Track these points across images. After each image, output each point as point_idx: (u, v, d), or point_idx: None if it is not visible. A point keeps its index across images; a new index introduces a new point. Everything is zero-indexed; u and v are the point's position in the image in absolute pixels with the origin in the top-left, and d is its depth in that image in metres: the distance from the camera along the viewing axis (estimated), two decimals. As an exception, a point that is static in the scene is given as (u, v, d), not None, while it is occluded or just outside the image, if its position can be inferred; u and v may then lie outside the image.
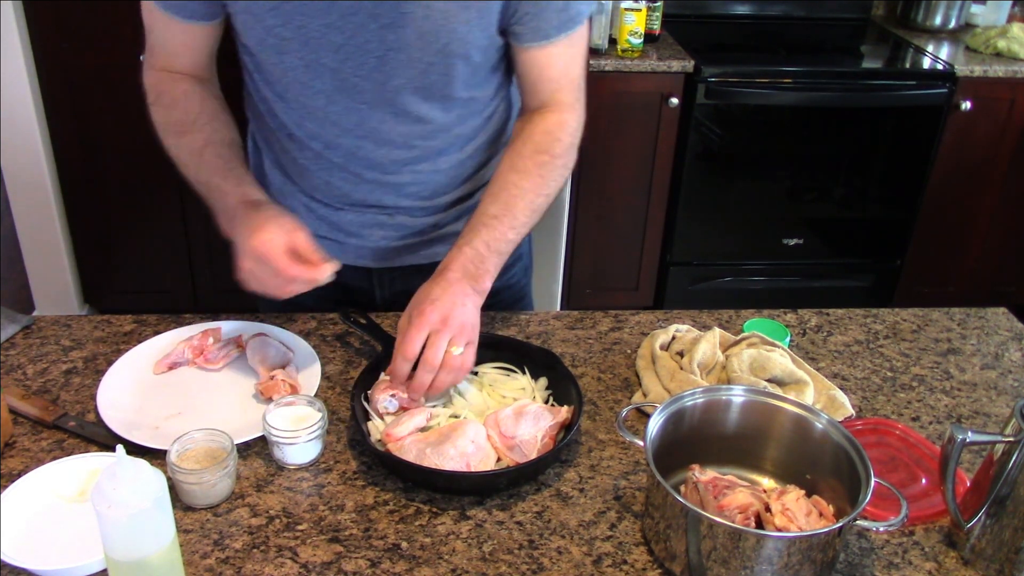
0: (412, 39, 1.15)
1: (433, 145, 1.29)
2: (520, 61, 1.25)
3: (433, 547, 0.99)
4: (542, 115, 1.28)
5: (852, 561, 0.99)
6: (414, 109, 1.23)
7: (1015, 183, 3.11)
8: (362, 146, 1.27)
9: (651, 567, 0.98)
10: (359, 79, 1.18)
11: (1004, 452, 0.94)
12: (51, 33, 2.64)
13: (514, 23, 1.19)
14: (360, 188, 1.32)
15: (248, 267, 1.14)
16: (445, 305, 1.11)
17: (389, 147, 1.27)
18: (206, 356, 1.25)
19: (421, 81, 1.19)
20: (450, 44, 1.16)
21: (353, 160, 1.29)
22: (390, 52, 1.16)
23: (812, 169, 3.04)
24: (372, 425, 1.13)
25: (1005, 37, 3.00)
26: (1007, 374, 1.34)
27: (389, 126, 1.24)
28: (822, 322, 1.45)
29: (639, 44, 2.81)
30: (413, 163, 1.30)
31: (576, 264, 3.10)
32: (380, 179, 1.31)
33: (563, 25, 1.21)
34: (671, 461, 1.02)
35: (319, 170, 1.31)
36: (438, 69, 1.19)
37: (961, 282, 3.30)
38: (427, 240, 1.41)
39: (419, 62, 1.17)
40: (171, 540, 0.87)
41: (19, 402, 1.15)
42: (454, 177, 1.35)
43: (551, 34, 1.21)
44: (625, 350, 1.35)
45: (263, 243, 1.11)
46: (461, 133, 1.31)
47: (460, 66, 1.20)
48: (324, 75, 1.18)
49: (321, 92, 1.20)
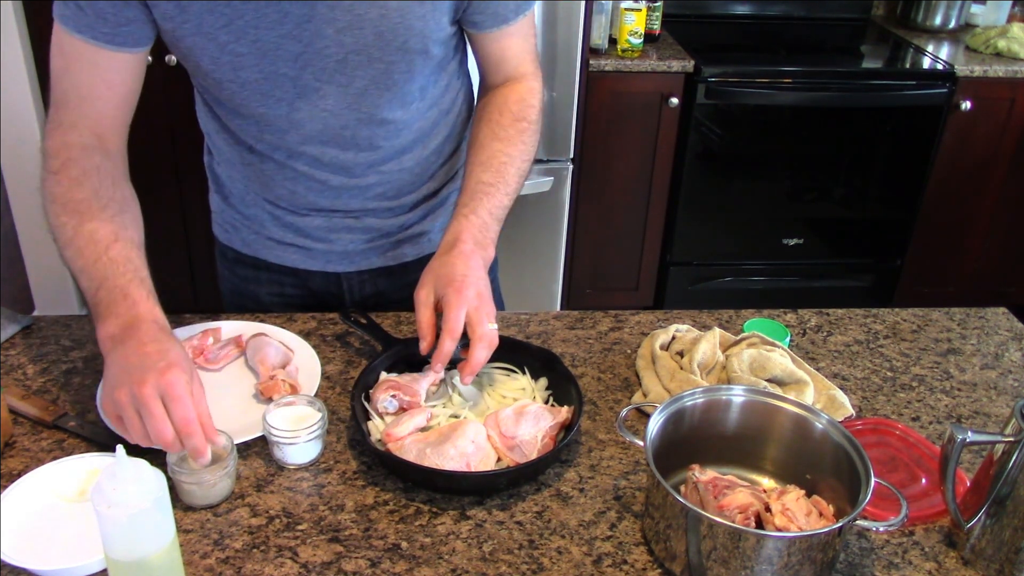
0: (371, 40, 1.14)
1: (397, 144, 1.29)
2: (481, 46, 1.27)
3: (433, 547, 0.99)
4: (510, 86, 1.30)
5: (852, 561, 0.99)
6: (377, 110, 1.23)
7: (1015, 183, 3.11)
8: (326, 152, 1.26)
9: (651, 567, 0.98)
10: (320, 84, 1.17)
11: (1004, 452, 0.94)
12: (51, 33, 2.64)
13: (472, 12, 1.20)
14: (326, 194, 1.32)
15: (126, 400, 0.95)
16: (475, 280, 1.11)
17: (355, 150, 1.27)
18: (206, 356, 1.25)
19: (384, 81, 1.19)
20: (408, 41, 1.16)
21: (318, 167, 1.28)
22: (350, 55, 1.15)
23: (812, 169, 3.04)
24: (372, 425, 1.13)
25: (1005, 37, 3.00)
26: (1007, 374, 1.34)
27: (353, 129, 1.24)
28: (822, 322, 1.45)
29: (639, 44, 2.81)
30: (378, 164, 1.30)
31: (576, 264, 3.10)
32: (346, 183, 1.31)
33: (520, 7, 1.24)
34: (671, 461, 1.02)
35: (284, 180, 1.30)
36: (399, 67, 1.18)
37: (961, 282, 3.30)
38: (395, 241, 1.41)
39: (379, 62, 1.17)
40: (171, 540, 0.87)
41: (19, 402, 1.15)
42: (419, 175, 1.36)
43: (510, 17, 1.24)
44: (625, 350, 1.35)
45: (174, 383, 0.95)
46: (423, 129, 1.31)
47: (420, 62, 1.20)
48: (284, 84, 1.17)
49: (282, 100, 1.19)
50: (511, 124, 1.27)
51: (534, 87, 1.32)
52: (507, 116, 1.28)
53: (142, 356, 0.97)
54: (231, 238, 1.43)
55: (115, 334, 1.00)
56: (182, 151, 2.79)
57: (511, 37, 1.26)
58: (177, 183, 2.85)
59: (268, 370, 1.21)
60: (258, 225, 1.38)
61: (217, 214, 1.45)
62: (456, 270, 1.12)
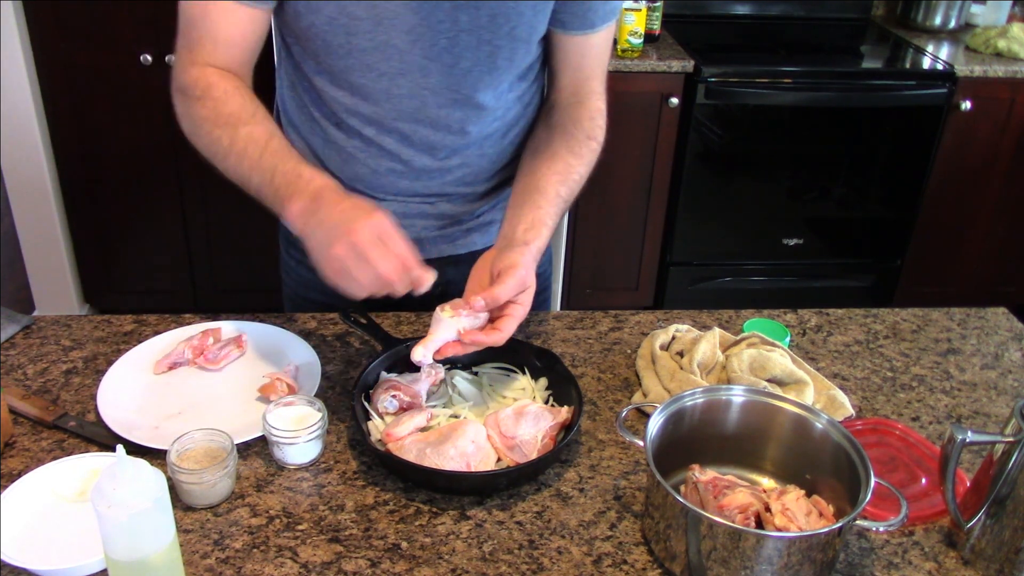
0: (484, 21, 1.15)
1: (484, 130, 1.30)
2: (560, 48, 1.28)
3: (433, 547, 0.99)
4: (581, 103, 1.32)
5: (852, 561, 0.99)
6: (474, 94, 1.24)
7: (1015, 183, 3.11)
8: (417, 131, 1.27)
9: (651, 567, 0.98)
10: (427, 61, 1.18)
11: (1004, 452, 0.94)
12: (51, 33, 2.64)
13: (563, 11, 1.22)
14: (407, 176, 1.32)
15: (345, 252, 1.01)
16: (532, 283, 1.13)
17: (444, 132, 1.27)
18: (206, 356, 1.25)
19: (487, 65, 1.20)
20: (517, 27, 1.18)
21: (406, 146, 1.29)
22: (461, 34, 1.16)
23: (812, 169, 3.04)
24: (372, 425, 1.13)
25: (1005, 37, 3.00)
26: (1007, 374, 1.34)
27: (447, 111, 1.25)
28: (822, 322, 1.45)
29: (639, 44, 2.81)
30: (463, 148, 1.31)
31: (576, 264, 3.10)
32: (429, 166, 1.31)
33: (608, 15, 1.26)
34: (671, 461, 1.02)
35: (367, 158, 1.31)
36: (504, 53, 1.20)
37: (961, 282, 3.30)
38: (465, 229, 1.42)
39: (488, 44, 1.18)
40: (171, 540, 0.87)
41: (19, 402, 1.15)
42: (495, 163, 1.36)
43: (596, 23, 1.25)
44: (625, 350, 1.35)
45: (384, 224, 1.02)
46: (507, 119, 1.32)
47: (522, 51, 1.22)
48: (392, 56, 1.18)
49: (385, 74, 1.20)
50: (585, 142, 1.29)
51: (602, 109, 1.34)
52: (582, 132, 1.29)
53: (342, 212, 1.03)
54: None
55: (306, 207, 1.05)
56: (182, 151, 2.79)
57: (592, 46, 1.28)
58: (177, 183, 2.85)
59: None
60: None
61: None
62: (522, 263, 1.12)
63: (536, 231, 1.17)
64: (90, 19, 2.62)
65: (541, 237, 1.18)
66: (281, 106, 1.37)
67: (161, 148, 2.76)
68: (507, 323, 1.11)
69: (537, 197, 1.21)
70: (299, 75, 1.28)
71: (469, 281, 1.18)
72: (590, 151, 1.29)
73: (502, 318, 1.11)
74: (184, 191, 2.86)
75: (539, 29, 1.22)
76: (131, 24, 2.63)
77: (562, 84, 1.32)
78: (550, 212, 1.21)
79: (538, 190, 1.22)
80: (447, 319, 1.09)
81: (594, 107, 1.33)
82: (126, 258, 2.99)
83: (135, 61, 2.65)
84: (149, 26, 2.61)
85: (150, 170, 2.84)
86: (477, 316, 1.10)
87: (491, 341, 1.10)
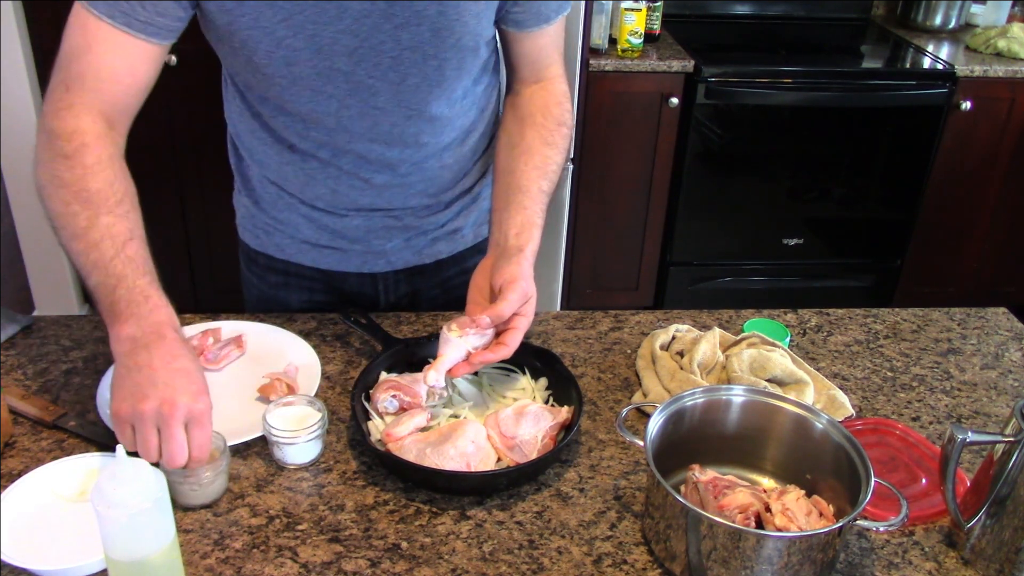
0: (427, 36, 1.15)
1: (441, 141, 1.29)
2: (517, 45, 1.28)
3: (433, 547, 0.99)
4: (544, 88, 1.31)
5: (852, 561, 0.99)
6: (426, 106, 1.23)
7: (1015, 183, 3.11)
8: (373, 149, 1.26)
9: (651, 567, 0.98)
10: (374, 80, 1.17)
11: (1004, 452, 0.94)
12: (51, 33, 2.64)
13: (515, 11, 1.22)
14: (368, 192, 1.32)
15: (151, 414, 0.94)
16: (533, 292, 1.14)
17: (400, 147, 1.27)
18: (206, 356, 1.25)
19: (435, 77, 1.20)
20: (463, 39, 1.17)
21: (363, 165, 1.28)
22: (405, 51, 1.15)
23: (812, 169, 3.04)
24: (372, 425, 1.13)
25: (1005, 37, 3.00)
26: (1007, 374, 1.34)
27: (401, 126, 1.24)
28: (822, 322, 1.45)
29: (639, 44, 2.81)
30: (421, 161, 1.30)
31: (576, 264, 3.10)
32: (390, 182, 1.31)
33: (561, 7, 1.26)
34: (671, 461, 1.02)
35: (326, 179, 1.30)
36: (451, 64, 1.19)
37: (961, 282, 3.30)
38: (431, 239, 1.41)
39: (433, 59, 1.17)
40: (171, 540, 0.87)
41: (19, 402, 1.15)
42: (458, 171, 1.36)
43: (551, 17, 1.25)
44: (625, 350, 1.35)
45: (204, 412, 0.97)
46: (464, 126, 1.32)
47: (470, 59, 1.21)
48: (337, 80, 1.17)
49: (333, 97, 1.19)
50: (555, 129, 1.29)
51: (565, 89, 1.33)
52: (551, 120, 1.29)
53: (171, 373, 0.96)
54: (262, 243, 1.42)
55: (137, 337, 0.99)
56: (181, 151, 2.79)
57: (548, 36, 1.28)
58: (177, 183, 2.85)
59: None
60: (292, 229, 1.37)
61: (245, 219, 1.43)
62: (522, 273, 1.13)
63: (528, 234, 1.18)
64: (90, 19, 2.61)
65: (534, 239, 1.18)
66: (232, 130, 1.35)
67: (161, 148, 2.76)
68: (512, 336, 1.11)
69: (521, 197, 1.21)
70: (246, 104, 1.26)
71: (470, 292, 1.18)
72: (562, 137, 1.29)
73: (507, 331, 1.12)
74: (184, 191, 2.86)
75: (484, 35, 1.20)
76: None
77: (523, 75, 1.32)
78: (536, 211, 1.21)
79: (520, 189, 1.22)
80: (456, 339, 1.10)
81: (559, 91, 1.32)
82: (126, 258, 2.99)
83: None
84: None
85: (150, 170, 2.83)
86: (484, 333, 1.11)
87: (499, 357, 1.11)
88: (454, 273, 1.45)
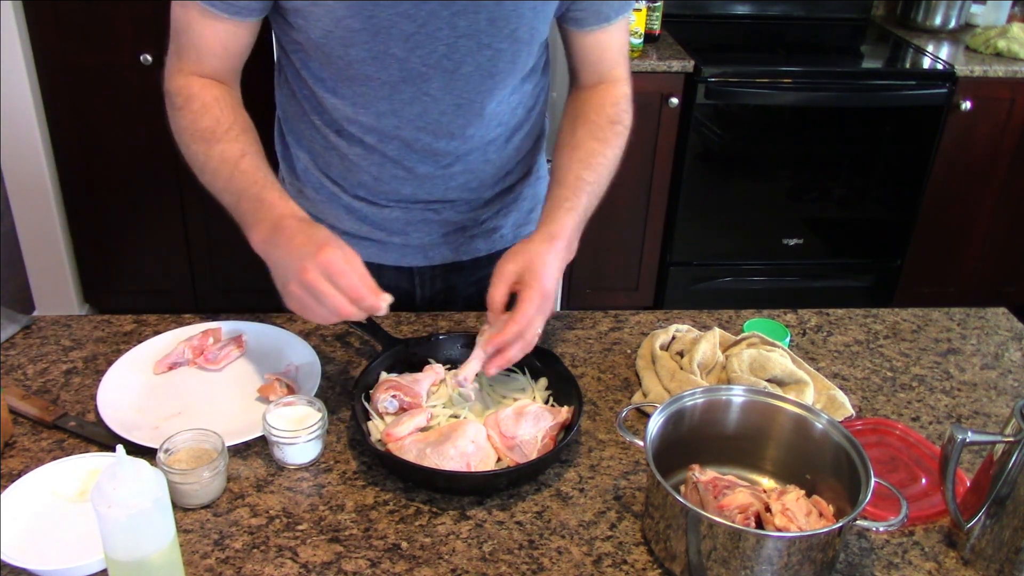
0: (483, 25, 1.15)
1: (487, 135, 1.30)
2: (578, 45, 1.29)
3: (433, 547, 0.99)
4: (606, 88, 1.32)
5: (852, 561, 0.99)
6: (476, 97, 1.23)
7: (1015, 183, 3.11)
8: (420, 138, 1.26)
9: (651, 567, 0.98)
10: (427, 68, 1.18)
11: (1004, 452, 0.94)
12: (51, 33, 2.64)
13: (575, 9, 1.23)
14: (410, 183, 1.32)
15: (299, 290, 1.04)
16: (556, 284, 1.14)
17: (447, 138, 1.27)
18: (206, 356, 1.25)
19: (488, 69, 1.20)
20: (518, 30, 1.17)
21: (408, 153, 1.28)
22: (460, 39, 1.16)
23: (812, 169, 3.04)
24: (372, 425, 1.13)
25: (1005, 37, 3.00)
26: (1007, 374, 1.34)
27: (450, 116, 1.24)
28: (822, 322, 1.45)
29: (639, 44, 2.81)
30: (466, 154, 1.30)
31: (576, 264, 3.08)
32: (432, 173, 1.31)
33: (623, 7, 1.27)
34: (671, 461, 1.02)
35: (369, 166, 1.30)
36: (505, 56, 1.19)
37: (961, 282, 3.30)
38: (469, 236, 1.42)
39: (488, 49, 1.18)
40: (171, 540, 0.87)
41: (19, 402, 1.15)
42: (500, 168, 1.36)
43: (611, 16, 1.26)
44: (625, 350, 1.35)
45: (332, 261, 1.03)
46: (511, 123, 1.32)
47: (524, 53, 1.22)
48: (391, 65, 1.17)
49: (386, 83, 1.19)
50: (608, 126, 1.29)
51: (627, 92, 1.34)
52: (604, 118, 1.29)
53: (296, 248, 1.05)
54: None
55: (266, 238, 1.09)
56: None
57: (611, 38, 1.29)
58: (177, 183, 2.84)
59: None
60: (333, 219, 1.38)
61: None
62: (548, 268, 1.13)
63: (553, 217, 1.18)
64: (90, 19, 2.62)
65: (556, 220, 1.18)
66: (281, 115, 1.37)
67: (161, 148, 2.76)
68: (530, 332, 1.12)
69: (561, 188, 1.22)
70: (299, 83, 1.27)
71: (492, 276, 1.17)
72: (615, 134, 1.29)
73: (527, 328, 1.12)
74: (184, 191, 2.86)
75: (541, 30, 1.21)
76: (131, 24, 2.63)
77: (584, 78, 1.33)
78: (565, 195, 1.21)
79: (558, 182, 1.23)
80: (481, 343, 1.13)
81: (619, 92, 1.33)
82: (126, 258, 2.99)
83: (135, 61, 2.65)
84: (149, 26, 2.61)
85: (150, 170, 2.84)
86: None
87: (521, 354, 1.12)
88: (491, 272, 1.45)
